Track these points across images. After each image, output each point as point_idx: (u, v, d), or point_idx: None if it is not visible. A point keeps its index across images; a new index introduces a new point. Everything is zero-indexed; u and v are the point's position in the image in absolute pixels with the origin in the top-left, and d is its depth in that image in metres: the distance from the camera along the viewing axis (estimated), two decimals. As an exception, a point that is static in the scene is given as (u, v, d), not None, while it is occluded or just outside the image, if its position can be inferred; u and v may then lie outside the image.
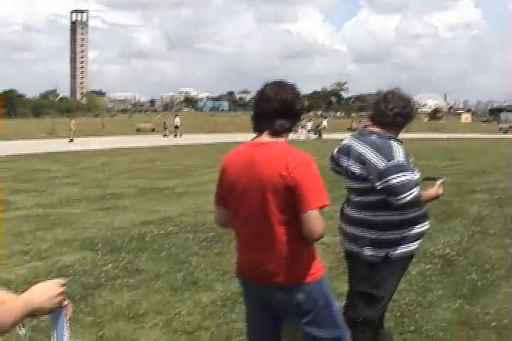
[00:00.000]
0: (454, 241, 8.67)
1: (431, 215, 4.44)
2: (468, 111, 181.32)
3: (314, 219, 3.05)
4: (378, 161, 3.95)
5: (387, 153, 3.97)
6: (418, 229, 4.19)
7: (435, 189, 4.23)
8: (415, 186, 3.95)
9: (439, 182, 4.30)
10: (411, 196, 3.88)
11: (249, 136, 3.39)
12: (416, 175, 4.09)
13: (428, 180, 4.45)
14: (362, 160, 4.05)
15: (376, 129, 4.18)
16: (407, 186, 3.88)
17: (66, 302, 2.10)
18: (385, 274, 4.16)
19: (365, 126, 4.33)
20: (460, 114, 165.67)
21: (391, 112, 4.13)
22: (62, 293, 2.06)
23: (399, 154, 3.98)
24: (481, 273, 6.95)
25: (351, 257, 4.36)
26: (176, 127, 52.12)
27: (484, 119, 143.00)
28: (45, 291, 2.01)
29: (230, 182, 3.33)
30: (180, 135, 50.62)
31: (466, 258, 7.70)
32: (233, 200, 3.35)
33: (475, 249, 8.27)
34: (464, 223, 10.16)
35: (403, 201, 3.89)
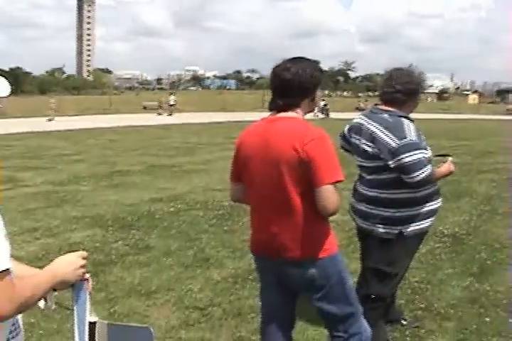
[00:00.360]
0: (463, 220, 8.71)
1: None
2: (475, 92, 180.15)
3: (328, 194, 3.07)
4: (390, 140, 3.96)
5: (399, 132, 3.98)
6: (431, 206, 4.22)
7: (447, 165, 4.25)
8: (428, 164, 3.96)
9: (450, 158, 4.32)
10: (424, 174, 3.89)
11: (257, 114, 3.41)
12: (428, 153, 4.11)
13: (439, 156, 4.46)
14: (373, 139, 4.07)
15: (386, 107, 4.19)
16: (419, 164, 3.90)
17: (88, 276, 2.11)
18: (398, 251, 4.19)
19: (376, 105, 4.35)
20: (467, 94, 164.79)
21: (393, 89, 4.16)
22: (84, 266, 2.06)
23: (411, 132, 3.99)
24: (491, 252, 7.00)
25: (364, 235, 4.39)
26: (171, 105, 51.50)
27: (491, 100, 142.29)
28: (69, 263, 2.01)
29: (246, 158, 3.36)
30: (172, 113, 49.91)
31: (475, 237, 7.75)
32: (249, 175, 3.38)
33: (484, 228, 8.32)
34: (473, 202, 10.22)
35: (416, 179, 3.91)
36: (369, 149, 4.10)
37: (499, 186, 12.16)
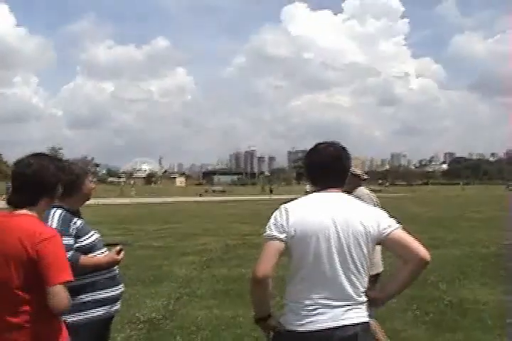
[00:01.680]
0: (161, 304, 8.77)
1: (138, 280, 4.43)
2: (183, 174, 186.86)
3: (57, 294, 3.06)
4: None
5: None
6: (96, 295, 4.15)
7: (106, 256, 4.21)
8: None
9: (118, 247, 4.28)
10: None
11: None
12: (87, 240, 4.12)
13: (109, 245, 4.39)
14: None
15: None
16: None
17: None
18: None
19: None
20: (175, 177, 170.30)
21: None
22: None
23: (52, 222, 3.96)
24: (187, 335, 7.11)
25: None
26: None
27: (198, 182, 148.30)
28: None
29: None
30: None
31: (172, 321, 7.84)
32: None
33: (182, 311, 8.44)
34: (172, 286, 10.31)
35: None
36: None
37: (199, 268, 12.48)
